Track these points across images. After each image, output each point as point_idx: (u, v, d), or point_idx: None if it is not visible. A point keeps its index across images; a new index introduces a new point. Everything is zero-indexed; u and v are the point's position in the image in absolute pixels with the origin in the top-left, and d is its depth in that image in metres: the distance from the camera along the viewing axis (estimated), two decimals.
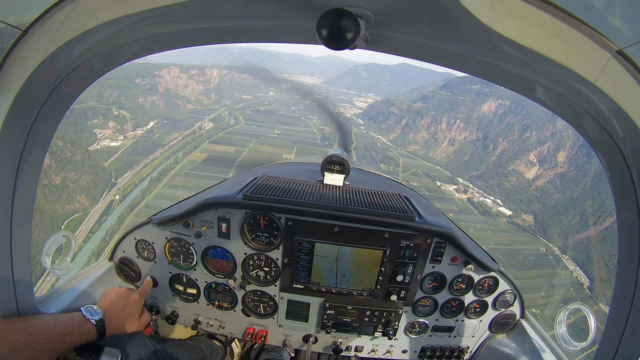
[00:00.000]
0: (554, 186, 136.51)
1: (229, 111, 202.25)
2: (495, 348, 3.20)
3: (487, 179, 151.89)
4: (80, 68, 1.52)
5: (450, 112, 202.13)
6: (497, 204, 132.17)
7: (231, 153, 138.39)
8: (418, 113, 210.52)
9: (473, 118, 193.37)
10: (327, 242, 2.72)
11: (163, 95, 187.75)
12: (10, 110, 1.38)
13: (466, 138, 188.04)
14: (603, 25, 1.00)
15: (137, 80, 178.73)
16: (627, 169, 1.27)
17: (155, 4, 1.22)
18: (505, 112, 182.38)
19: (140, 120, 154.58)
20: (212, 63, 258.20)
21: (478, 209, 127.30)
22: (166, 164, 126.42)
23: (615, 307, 1.39)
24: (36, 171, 1.64)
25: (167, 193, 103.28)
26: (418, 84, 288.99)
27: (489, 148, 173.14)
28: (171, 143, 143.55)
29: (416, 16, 1.33)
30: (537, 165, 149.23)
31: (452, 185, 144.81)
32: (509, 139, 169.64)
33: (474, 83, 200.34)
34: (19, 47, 1.31)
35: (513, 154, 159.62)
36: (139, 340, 2.69)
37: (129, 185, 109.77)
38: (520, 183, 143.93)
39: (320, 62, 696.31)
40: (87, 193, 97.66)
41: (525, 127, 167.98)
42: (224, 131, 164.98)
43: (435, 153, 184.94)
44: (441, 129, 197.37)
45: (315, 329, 3.16)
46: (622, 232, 1.37)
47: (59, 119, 1.65)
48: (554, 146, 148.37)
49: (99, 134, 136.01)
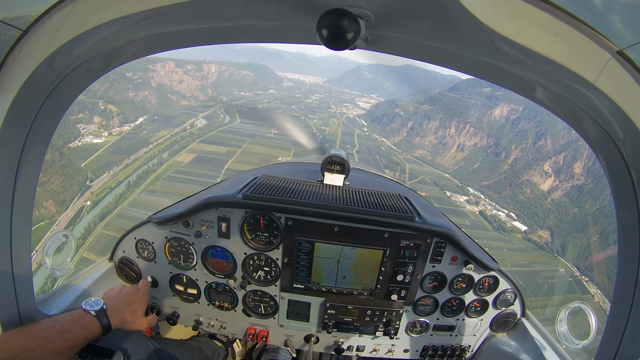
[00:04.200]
0: (571, 200, 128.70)
1: (224, 108, 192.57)
2: (496, 347, 3.23)
3: (499, 189, 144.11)
4: (80, 68, 1.53)
5: (459, 116, 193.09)
6: (511, 218, 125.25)
7: (222, 154, 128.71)
8: (425, 116, 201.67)
9: (484, 123, 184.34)
10: (327, 242, 2.74)
11: (156, 90, 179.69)
12: (10, 110, 1.39)
13: (476, 144, 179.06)
14: (603, 25, 1.01)
15: (128, 74, 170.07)
16: (627, 169, 1.27)
17: (155, 4, 1.23)
18: (518, 117, 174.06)
19: (129, 115, 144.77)
20: (212, 59, 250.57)
21: (491, 224, 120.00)
22: (148, 165, 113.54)
23: (615, 306, 1.41)
24: (36, 171, 1.66)
25: (144, 200, 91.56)
26: (423, 86, 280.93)
27: (500, 156, 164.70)
28: (158, 141, 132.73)
29: (416, 16, 1.34)
30: (553, 177, 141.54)
31: (462, 196, 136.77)
32: (522, 146, 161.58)
33: (485, 86, 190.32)
34: (19, 47, 1.32)
35: (527, 163, 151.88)
36: (140, 341, 2.67)
37: (105, 189, 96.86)
38: (535, 195, 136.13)
39: (324, 61, 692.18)
40: (55, 198, 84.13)
41: (539, 135, 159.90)
42: (217, 129, 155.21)
43: (443, 159, 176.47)
44: (450, 134, 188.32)
45: (317, 329, 3.18)
46: (622, 232, 1.38)
47: (58, 118, 1.67)
48: (570, 156, 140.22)
49: (82, 129, 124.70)
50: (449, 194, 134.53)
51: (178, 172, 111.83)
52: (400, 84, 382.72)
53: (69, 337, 1.88)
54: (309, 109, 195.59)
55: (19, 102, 1.40)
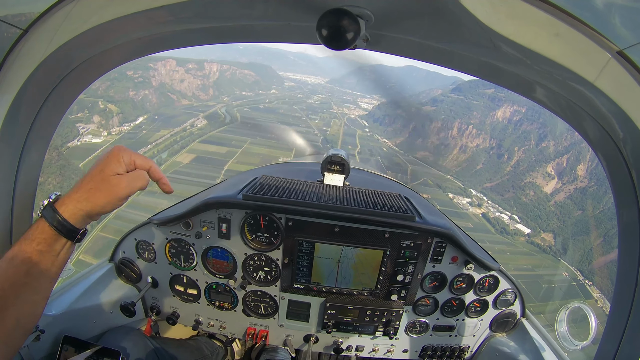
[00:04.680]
0: (574, 202, 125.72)
1: (225, 108, 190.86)
2: (496, 347, 3.21)
3: (502, 191, 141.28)
4: (80, 68, 1.53)
5: (462, 117, 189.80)
6: (515, 221, 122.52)
7: (222, 154, 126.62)
8: (427, 117, 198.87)
9: (486, 124, 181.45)
10: (327, 242, 2.73)
11: (157, 89, 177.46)
12: (10, 110, 1.39)
13: (479, 145, 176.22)
14: (603, 25, 1.00)
15: (129, 73, 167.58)
16: (627, 169, 1.27)
17: (155, 4, 1.22)
18: (521, 119, 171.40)
19: (129, 115, 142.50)
20: (213, 58, 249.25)
21: (495, 226, 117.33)
22: None
23: (615, 306, 1.40)
24: (36, 171, 1.66)
25: (142, 201, 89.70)
26: (425, 87, 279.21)
27: (503, 157, 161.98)
28: (157, 141, 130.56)
29: (416, 16, 1.33)
30: (556, 179, 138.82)
31: (465, 198, 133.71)
32: (525, 148, 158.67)
33: (488, 87, 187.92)
34: (19, 47, 1.32)
35: (530, 165, 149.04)
36: (140, 341, 2.68)
37: None
38: (538, 197, 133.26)
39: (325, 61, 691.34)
40: None
41: (542, 136, 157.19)
42: (217, 129, 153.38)
43: (445, 161, 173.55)
44: (452, 135, 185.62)
45: (316, 329, 3.17)
46: (622, 232, 1.38)
47: (59, 118, 1.67)
48: (574, 158, 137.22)
49: (82, 128, 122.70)
50: (452, 196, 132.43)
51: (177, 172, 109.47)
52: (402, 85, 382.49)
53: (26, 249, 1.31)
54: (310, 109, 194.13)
55: (19, 102, 1.39)
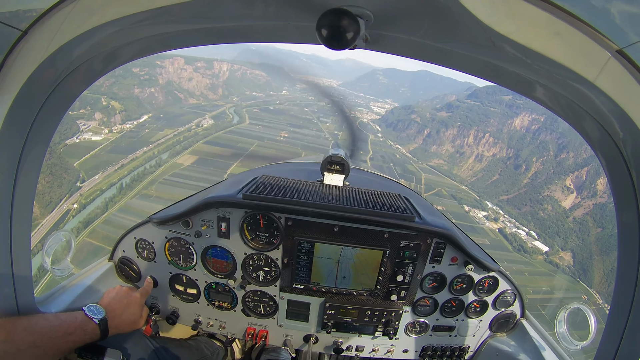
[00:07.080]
0: (594, 219, 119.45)
1: (234, 108, 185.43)
2: (495, 347, 3.20)
3: (519, 205, 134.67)
4: (80, 68, 1.53)
5: (478, 125, 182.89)
6: (532, 237, 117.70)
7: (226, 157, 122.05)
8: (442, 123, 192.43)
9: (504, 133, 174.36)
10: (327, 242, 2.72)
11: (163, 87, 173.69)
12: (10, 110, 1.39)
13: (495, 155, 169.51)
14: (603, 24, 1.00)
15: (135, 70, 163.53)
16: (627, 169, 1.27)
17: (155, 4, 1.23)
18: (540, 128, 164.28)
19: (133, 112, 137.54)
20: (223, 57, 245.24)
21: (512, 243, 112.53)
22: (145, 167, 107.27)
23: (615, 306, 1.41)
24: (36, 171, 1.67)
25: (136, 205, 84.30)
26: (439, 92, 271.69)
27: (520, 168, 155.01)
28: (159, 141, 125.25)
29: (416, 16, 1.33)
30: (575, 193, 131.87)
31: (481, 211, 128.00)
32: (543, 159, 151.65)
33: (505, 94, 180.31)
34: (19, 47, 1.32)
35: (548, 177, 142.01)
36: (140, 341, 2.69)
37: (95, 191, 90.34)
38: (556, 212, 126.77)
39: (338, 64, 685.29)
40: (40, 199, 79.00)
41: (561, 147, 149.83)
42: (224, 130, 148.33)
43: (460, 170, 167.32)
44: (468, 143, 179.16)
45: (316, 329, 3.15)
46: (622, 232, 1.38)
47: (58, 119, 1.67)
48: (593, 171, 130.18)
49: (82, 125, 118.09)
50: (467, 208, 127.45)
51: (176, 175, 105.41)
52: (415, 89, 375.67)
53: (72, 340, 2.00)
54: (322, 112, 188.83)
55: (19, 103, 1.39)
